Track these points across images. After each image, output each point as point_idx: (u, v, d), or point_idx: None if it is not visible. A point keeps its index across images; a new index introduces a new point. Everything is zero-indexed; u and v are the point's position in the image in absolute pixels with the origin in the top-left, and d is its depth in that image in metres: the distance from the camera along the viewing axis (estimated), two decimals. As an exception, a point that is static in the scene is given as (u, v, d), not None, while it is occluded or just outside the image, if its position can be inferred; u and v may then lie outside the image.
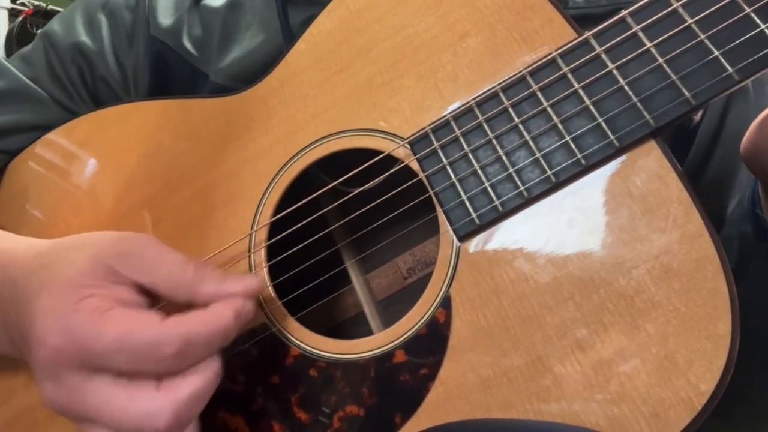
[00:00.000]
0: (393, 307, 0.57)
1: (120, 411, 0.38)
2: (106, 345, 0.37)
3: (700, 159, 0.58)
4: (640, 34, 0.41)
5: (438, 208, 0.45)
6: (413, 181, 0.46)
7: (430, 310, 0.44)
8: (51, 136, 0.63)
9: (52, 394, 0.39)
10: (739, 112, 0.59)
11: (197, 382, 0.39)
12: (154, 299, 0.43)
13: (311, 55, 0.52)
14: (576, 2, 0.58)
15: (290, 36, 0.58)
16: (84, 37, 0.65)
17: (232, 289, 0.42)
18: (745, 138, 0.44)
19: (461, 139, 0.45)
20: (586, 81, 0.42)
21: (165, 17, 0.64)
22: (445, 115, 0.46)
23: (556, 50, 0.43)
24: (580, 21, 0.44)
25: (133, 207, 0.57)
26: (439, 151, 0.45)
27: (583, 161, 0.41)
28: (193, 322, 0.39)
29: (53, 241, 0.46)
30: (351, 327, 0.58)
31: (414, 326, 0.44)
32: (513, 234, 0.43)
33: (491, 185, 0.43)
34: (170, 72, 0.63)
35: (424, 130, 0.46)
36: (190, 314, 0.40)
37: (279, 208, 0.51)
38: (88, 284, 0.40)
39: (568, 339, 0.40)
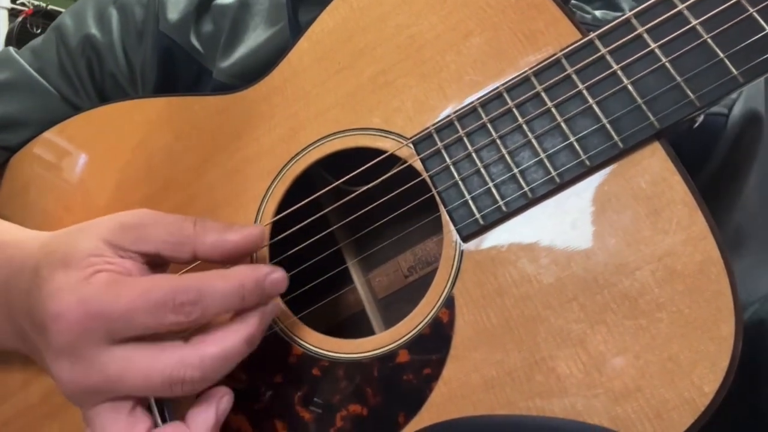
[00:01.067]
0: (394, 305, 0.57)
1: (147, 368, 0.38)
2: (125, 306, 0.38)
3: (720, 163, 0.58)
4: (645, 35, 0.41)
5: (441, 208, 0.45)
6: (416, 180, 0.46)
7: (434, 310, 0.44)
8: (51, 132, 0.63)
9: (67, 373, 0.40)
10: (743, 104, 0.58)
11: (226, 342, 0.40)
12: (164, 269, 0.44)
13: (314, 54, 0.52)
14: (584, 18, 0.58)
15: (298, 33, 0.58)
16: (94, 30, 0.64)
17: (233, 237, 0.43)
18: None
19: (465, 139, 0.45)
20: (591, 82, 0.42)
21: (174, 13, 0.64)
22: (449, 115, 0.46)
23: (561, 51, 0.43)
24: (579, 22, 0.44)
25: (133, 205, 0.57)
26: (443, 151, 0.45)
27: (587, 162, 0.41)
28: (207, 274, 0.40)
29: (55, 232, 0.47)
30: (352, 325, 0.58)
31: (417, 326, 0.45)
32: (517, 234, 0.43)
33: (495, 185, 0.44)
34: (177, 68, 0.63)
35: (428, 130, 0.46)
36: (206, 271, 0.41)
37: (281, 206, 0.51)
38: (95, 261, 0.40)
39: (572, 339, 0.40)
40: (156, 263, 0.43)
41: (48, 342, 0.40)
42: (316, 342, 0.47)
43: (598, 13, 0.59)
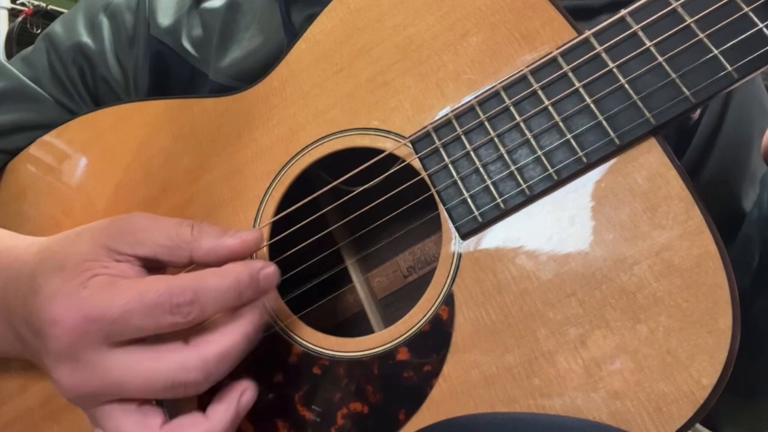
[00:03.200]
0: (393, 305, 0.57)
1: (148, 371, 0.38)
2: (121, 308, 0.38)
3: (698, 154, 0.59)
4: (640, 33, 0.41)
5: (440, 207, 0.45)
6: (415, 179, 0.47)
7: (433, 308, 0.44)
8: (49, 136, 0.63)
9: (68, 377, 0.40)
10: (738, 104, 0.59)
11: (225, 341, 0.40)
12: (160, 272, 0.44)
13: (312, 55, 0.52)
14: None
15: (293, 34, 0.59)
16: (85, 38, 0.65)
17: (230, 242, 0.43)
18: (765, 136, 0.44)
19: (463, 137, 0.45)
20: (587, 80, 0.42)
21: (165, 18, 0.64)
22: (447, 114, 0.46)
23: (557, 49, 0.44)
24: (575, 13, 0.45)
25: (132, 207, 0.57)
26: (441, 150, 0.46)
27: (584, 159, 0.42)
28: (202, 273, 0.40)
29: (51, 237, 0.47)
30: (352, 325, 0.58)
31: (417, 323, 0.45)
32: (515, 231, 0.43)
33: (493, 183, 0.44)
34: (170, 72, 0.63)
35: (426, 129, 0.47)
36: (201, 270, 0.41)
37: (281, 207, 0.51)
38: (91, 266, 0.40)
39: (571, 335, 0.41)
40: (153, 267, 0.43)
41: (47, 347, 0.40)
42: (316, 341, 0.48)
43: None
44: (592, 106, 0.42)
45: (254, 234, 0.44)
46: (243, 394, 0.42)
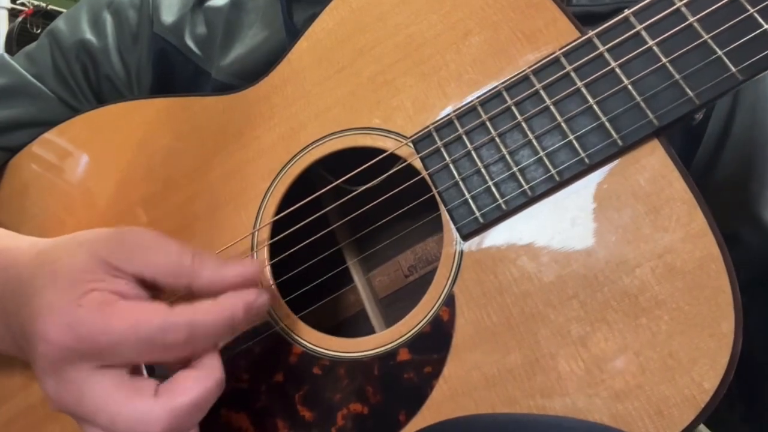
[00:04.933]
0: (395, 305, 0.57)
1: (115, 413, 0.37)
2: (114, 337, 0.37)
3: (708, 157, 0.58)
4: (643, 33, 0.41)
5: (441, 207, 0.45)
6: (416, 179, 0.47)
7: (434, 309, 0.44)
8: (51, 133, 0.63)
9: (53, 390, 0.39)
10: (748, 104, 0.59)
11: (195, 390, 0.38)
12: (156, 291, 0.43)
13: (314, 53, 0.52)
14: (580, 1, 0.58)
15: (294, 33, 0.58)
16: (89, 35, 0.65)
17: (230, 273, 0.42)
18: None
19: (464, 137, 0.45)
20: (590, 80, 0.42)
21: (168, 15, 0.64)
22: (449, 114, 0.46)
23: (560, 49, 0.43)
24: (584, 19, 0.44)
25: (133, 205, 0.57)
26: (443, 150, 0.46)
27: (586, 160, 0.41)
28: (199, 309, 0.39)
29: (53, 240, 0.46)
30: (353, 325, 0.58)
31: (418, 324, 0.45)
32: (517, 232, 0.43)
33: (495, 184, 0.44)
34: (173, 70, 0.63)
35: (428, 129, 0.46)
36: (198, 303, 0.40)
37: (282, 206, 0.51)
38: (88, 279, 0.40)
39: (572, 337, 0.40)
40: (149, 286, 0.42)
41: (34, 359, 0.40)
42: (316, 341, 0.48)
43: None
44: (595, 106, 0.42)
45: (254, 266, 0.43)
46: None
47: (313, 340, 0.48)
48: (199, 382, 0.39)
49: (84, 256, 0.41)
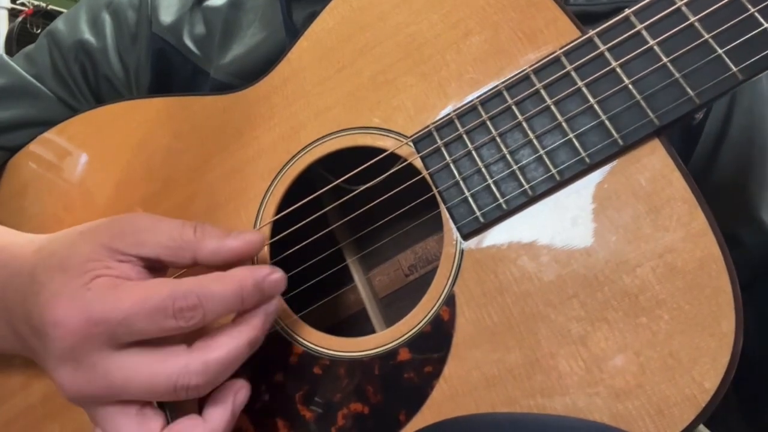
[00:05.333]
0: (395, 304, 0.57)
1: (151, 375, 0.38)
2: (125, 312, 0.38)
3: (706, 158, 0.58)
4: (644, 32, 0.41)
5: (442, 207, 0.45)
6: (417, 178, 0.46)
7: (434, 308, 0.44)
8: (51, 133, 0.63)
9: (69, 379, 0.39)
10: (745, 105, 0.59)
11: (229, 345, 0.40)
12: (163, 273, 0.44)
13: (314, 53, 0.52)
14: (577, 0, 0.58)
15: (293, 32, 0.58)
16: (87, 35, 0.65)
17: (233, 243, 0.43)
18: None
19: (465, 137, 0.45)
20: (590, 79, 0.42)
21: (167, 15, 0.64)
22: (449, 114, 0.46)
23: (560, 48, 0.43)
24: (581, 19, 0.44)
25: (132, 205, 0.57)
26: (443, 149, 0.46)
27: (587, 159, 0.41)
28: (206, 278, 0.40)
29: (50, 235, 0.47)
30: (353, 324, 0.58)
31: (418, 324, 0.45)
32: (517, 232, 0.43)
33: (495, 183, 0.44)
34: (172, 70, 0.63)
35: (428, 128, 0.46)
36: (206, 274, 0.41)
37: (282, 206, 0.51)
38: (94, 266, 0.40)
39: (573, 336, 0.40)
40: (155, 267, 0.43)
41: (48, 348, 0.40)
42: (317, 341, 0.47)
43: None
44: (596, 106, 0.42)
45: (257, 235, 0.44)
46: (237, 393, 0.42)
47: (313, 339, 0.48)
48: (232, 339, 0.40)
49: (87, 244, 0.42)
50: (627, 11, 0.42)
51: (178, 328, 0.38)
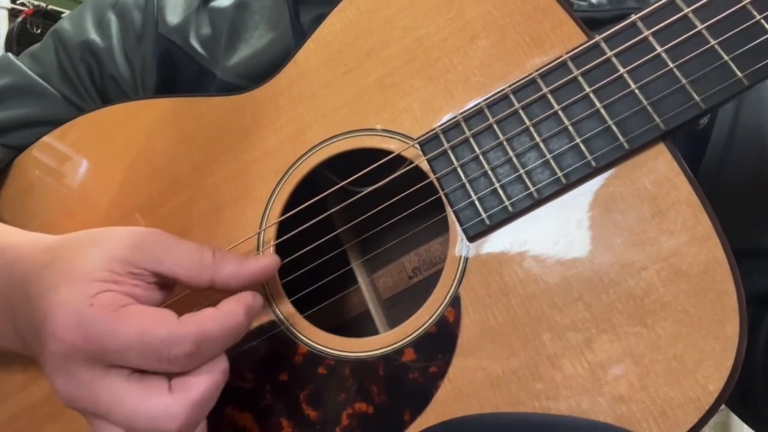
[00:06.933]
0: (398, 306, 0.57)
1: (133, 412, 0.38)
2: (120, 343, 0.37)
3: (716, 164, 0.58)
4: (651, 38, 0.42)
5: (448, 209, 0.46)
6: (425, 183, 0.47)
7: (440, 309, 0.44)
8: (56, 133, 0.63)
9: (64, 387, 0.39)
10: (752, 109, 0.59)
11: (207, 382, 0.39)
12: (170, 291, 0.44)
13: (321, 55, 0.52)
14: (580, 5, 0.59)
15: (300, 34, 0.59)
16: (93, 35, 0.65)
17: (251, 268, 0.44)
18: None
19: (472, 140, 0.45)
20: (597, 84, 0.42)
21: (173, 16, 0.64)
22: (456, 116, 0.46)
23: (567, 53, 0.44)
24: (584, 24, 0.45)
25: (138, 205, 0.57)
26: (450, 152, 0.46)
27: (593, 163, 0.42)
28: (206, 321, 0.40)
29: (62, 237, 0.46)
30: (356, 326, 0.58)
31: (423, 325, 0.45)
32: (523, 234, 0.43)
33: (501, 186, 0.44)
34: (177, 70, 0.63)
35: (435, 131, 0.47)
36: (203, 313, 0.40)
37: (287, 207, 0.51)
38: (104, 279, 0.40)
39: (577, 338, 0.41)
40: (165, 284, 0.43)
41: (44, 355, 0.40)
42: (321, 341, 0.48)
43: None
44: (602, 110, 0.42)
45: (273, 260, 0.45)
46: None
47: (318, 339, 0.48)
48: (210, 374, 0.39)
49: (100, 255, 0.41)
50: (634, 17, 0.42)
51: (169, 370, 0.38)
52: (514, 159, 0.44)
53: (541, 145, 0.43)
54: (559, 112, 0.43)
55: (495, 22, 0.47)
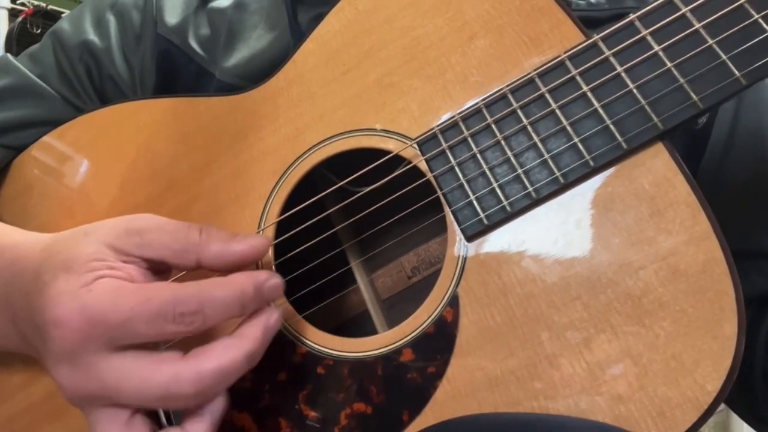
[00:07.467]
0: (397, 306, 0.57)
1: (142, 381, 0.38)
2: (125, 315, 0.38)
3: (716, 164, 0.58)
4: (649, 37, 0.42)
5: (446, 208, 0.46)
6: (421, 181, 0.47)
7: (438, 309, 0.44)
8: (55, 133, 0.63)
9: (68, 378, 0.39)
10: (752, 108, 0.59)
11: (225, 357, 0.39)
12: (167, 276, 0.44)
13: (319, 55, 0.52)
14: (579, 4, 0.59)
15: (299, 34, 0.59)
16: (92, 36, 0.65)
17: (238, 246, 0.43)
18: None
19: (470, 139, 0.45)
20: (595, 83, 0.42)
21: (172, 16, 0.64)
22: (454, 116, 0.46)
23: (565, 53, 0.44)
24: (582, 24, 0.45)
25: (137, 205, 0.57)
26: (448, 152, 0.46)
27: (591, 162, 0.42)
28: (208, 283, 0.40)
29: (55, 234, 0.47)
30: (355, 325, 0.58)
31: (421, 325, 0.45)
32: (521, 234, 0.43)
33: (499, 186, 0.44)
34: (176, 71, 0.63)
35: (433, 131, 0.47)
36: (205, 279, 0.41)
37: (286, 206, 0.51)
38: (98, 266, 0.40)
39: (576, 338, 0.41)
40: (158, 269, 0.43)
41: (48, 347, 0.40)
42: (320, 341, 0.48)
43: None
44: (600, 110, 0.42)
45: (262, 239, 0.44)
46: (214, 406, 0.41)
47: (317, 339, 0.48)
48: (229, 350, 0.39)
49: (91, 244, 0.42)
50: (632, 16, 0.42)
51: (178, 333, 0.38)
52: (512, 159, 0.44)
53: (539, 144, 0.43)
54: (557, 112, 0.43)
55: (493, 21, 0.47)
